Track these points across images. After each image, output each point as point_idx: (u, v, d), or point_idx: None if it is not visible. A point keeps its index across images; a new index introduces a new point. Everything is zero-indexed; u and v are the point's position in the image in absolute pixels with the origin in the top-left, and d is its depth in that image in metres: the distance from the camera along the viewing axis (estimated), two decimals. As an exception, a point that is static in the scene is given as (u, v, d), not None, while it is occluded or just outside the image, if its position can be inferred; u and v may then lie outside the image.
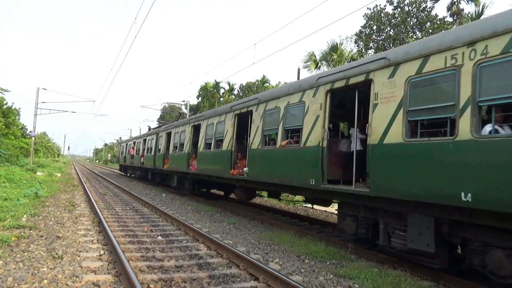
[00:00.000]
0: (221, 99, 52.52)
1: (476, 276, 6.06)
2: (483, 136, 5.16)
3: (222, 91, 54.57)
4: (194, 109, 57.60)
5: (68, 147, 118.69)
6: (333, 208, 15.66)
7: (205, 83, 54.79)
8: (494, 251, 5.38)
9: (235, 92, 52.74)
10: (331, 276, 6.33)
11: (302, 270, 6.55)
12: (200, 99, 56.70)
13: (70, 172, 41.43)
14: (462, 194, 5.16)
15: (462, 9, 25.10)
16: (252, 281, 5.82)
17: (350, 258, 7.49)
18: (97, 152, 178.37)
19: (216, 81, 53.49)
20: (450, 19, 24.27)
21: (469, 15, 23.63)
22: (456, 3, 25.20)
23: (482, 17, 21.68)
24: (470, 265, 5.82)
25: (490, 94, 5.17)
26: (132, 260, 6.57)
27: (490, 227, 5.38)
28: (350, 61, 34.33)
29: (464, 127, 5.32)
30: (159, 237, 8.80)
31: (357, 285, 5.86)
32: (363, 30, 25.78)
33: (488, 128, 5.23)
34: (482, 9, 23.79)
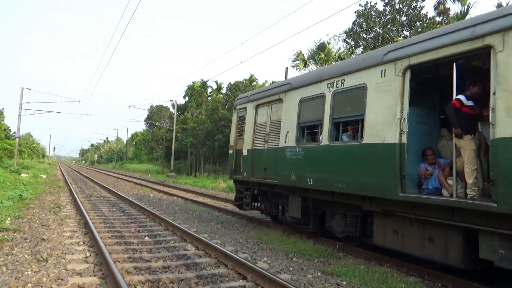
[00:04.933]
0: (209, 98, 52.33)
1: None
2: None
3: (209, 90, 54.37)
4: (181, 109, 57.33)
5: (54, 148, 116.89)
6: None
7: (193, 83, 54.51)
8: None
9: (223, 91, 52.59)
10: (319, 273, 6.35)
11: (290, 269, 6.56)
12: (187, 98, 56.41)
13: (56, 173, 40.82)
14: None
15: (449, 9, 25.42)
16: (240, 280, 5.81)
17: (337, 256, 7.53)
18: (83, 152, 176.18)
19: (203, 80, 53.25)
20: (438, 19, 24.56)
21: (455, 15, 23.98)
22: (442, 2, 25.51)
23: (467, 17, 22.05)
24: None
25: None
26: (119, 262, 6.49)
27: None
28: (337, 60, 34.62)
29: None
30: (147, 238, 8.72)
31: (344, 282, 5.89)
32: (353, 27, 25.90)
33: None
34: (468, 8, 24.20)
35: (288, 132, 8.88)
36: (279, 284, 5.12)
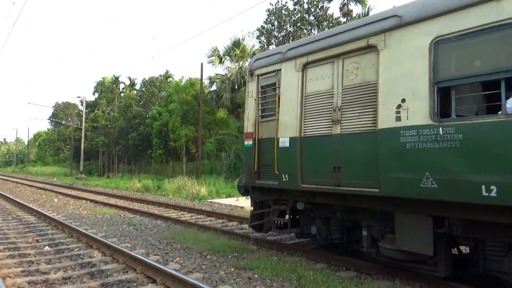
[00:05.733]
0: (121, 94, 49.74)
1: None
2: None
3: (122, 86, 51.69)
4: (91, 106, 53.68)
5: None
6: (238, 201, 15.94)
7: (103, 78, 51.34)
8: None
9: (137, 87, 50.35)
10: (232, 269, 6.35)
11: (203, 267, 6.46)
12: (97, 95, 52.99)
13: None
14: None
15: (351, 10, 27.39)
16: (149, 284, 5.55)
17: (251, 250, 7.62)
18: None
19: (114, 76, 50.42)
20: (343, 19, 26.27)
21: (357, 16, 25.89)
22: (346, 4, 27.42)
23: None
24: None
25: None
26: (10, 277, 5.78)
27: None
28: (252, 57, 35.07)
29: None
30: (46, 247, 7.93)
31: (256, 275, 5.97)
32: (265, 25, 26.51)
33: None
34: (368, 10, 26.31)
35: (404, 101, 5.01)
36: (189, 284, 4.99)
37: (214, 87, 33.93)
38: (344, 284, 5.54)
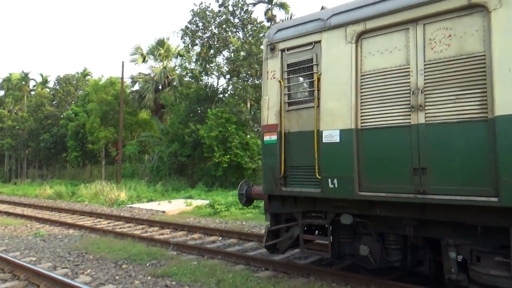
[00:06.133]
0: (32, 92, 45.55)
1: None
2: None
3: (33, 83, 47.34)
4: (-5, 105, 48.32)
5: None
6: (160, 205, 15.46)
7: (10, 74, 46.52)
8: None
9: (50, 84, 46.44)
10: (149, 277, 6.09)
11: (117, 277, 6.11)
12: (2, 92, 47.89)
13: None
14: None
15: (275, 15, 28.21)
16: (54, 301, 5.10)
17: (170, 256, 7.39)
18: None
19: (24, 72, 45.98)
20: (267, 24, 26.91)
21: (281, 21, 26.74)
22: (270, 9, 28.21)
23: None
24: None
25: None
26: None
27: None
28: (177, 57, 34.51)
29: None
30: None
31: (174, 282, 5.80)
32: (189, 26, 26.15)
33: None
34: (291, 16, 27.33)
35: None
36: (99, 298, 4.68)
37: (136, 87, 32.61)
38: (262, 284, 5.61)
